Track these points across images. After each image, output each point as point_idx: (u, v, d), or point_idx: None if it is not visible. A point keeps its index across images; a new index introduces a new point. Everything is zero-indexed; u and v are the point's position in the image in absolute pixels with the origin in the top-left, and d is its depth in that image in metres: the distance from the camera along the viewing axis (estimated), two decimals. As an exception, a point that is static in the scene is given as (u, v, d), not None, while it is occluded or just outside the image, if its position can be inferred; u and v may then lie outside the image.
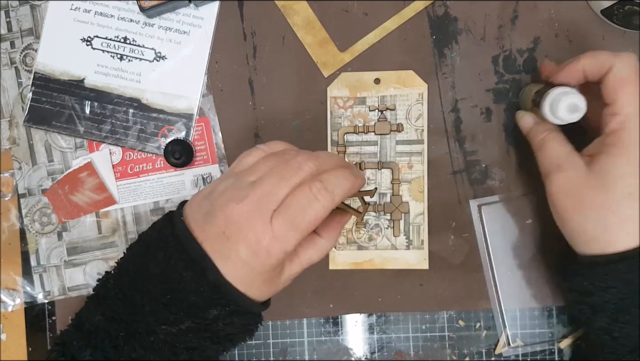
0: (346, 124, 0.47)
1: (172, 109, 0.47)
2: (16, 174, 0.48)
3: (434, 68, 0.46)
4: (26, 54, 0.48)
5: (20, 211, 0.48)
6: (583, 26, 0.46)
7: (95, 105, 0.47)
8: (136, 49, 0.47)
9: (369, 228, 0.47)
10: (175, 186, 0.48)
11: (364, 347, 0.48)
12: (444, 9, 0.46)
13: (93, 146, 0.48)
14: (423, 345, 0.47)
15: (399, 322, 0.48)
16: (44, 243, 0.48)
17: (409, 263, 0.46)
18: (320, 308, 0.47)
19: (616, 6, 0.42)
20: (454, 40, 0.46)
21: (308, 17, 0.47)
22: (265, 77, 0.47)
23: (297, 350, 0.48)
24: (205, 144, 0.48)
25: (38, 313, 0.49)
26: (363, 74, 0.46)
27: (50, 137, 0.48)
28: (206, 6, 0.47)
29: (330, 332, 0.48)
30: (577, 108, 0.36)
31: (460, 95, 0.46)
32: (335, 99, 0.47)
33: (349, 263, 0.47)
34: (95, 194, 0.48)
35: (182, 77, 0.47)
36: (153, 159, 0.48)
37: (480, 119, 0.46)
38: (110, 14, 0.47)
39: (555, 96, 0.37)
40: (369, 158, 0.47)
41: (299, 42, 0.47)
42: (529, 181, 0.46)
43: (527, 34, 0.46)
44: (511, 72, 0.46)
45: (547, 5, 0.46)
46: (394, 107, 0.46)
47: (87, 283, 0.48)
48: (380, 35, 0.46)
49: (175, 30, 0.47)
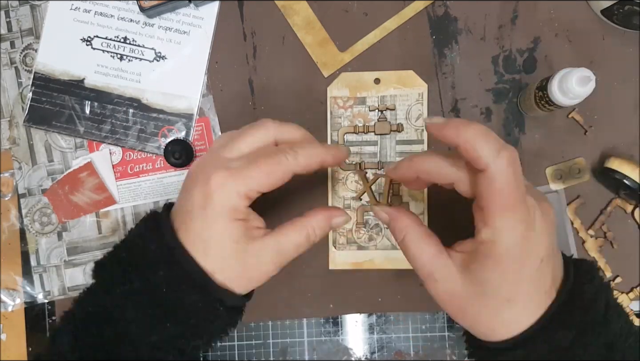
0: (346, 124, 0.47)
1: (172, 109, 0.47)
2: (16, 174, 0.48)
3: (434, 68, 0.46)
4: (26, 54, 0.48)
5: (20, 211, 0.48)
6: (583, 26, 0.46)
7: (95, 105, 0.47)
8: (136, 49, 0.47)
9: (369, 228, 0.47)
10: (175, 186, 0.48)
11: (364, 347, 0.48)
12: (444, 9, 0.46)
13: (93, 146, 0.48)
14: (423, 345, 0.47)
15: (399, 322, 0.48)
16: (44, 243, 0.48)
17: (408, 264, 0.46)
18: (320, 308, 0.47)
19: (616, 6, 0.42)
20: (454, 40, 0.46)
21: (308, 17, 0.47)
22: (265, 77, 0.47)
23: (297, 350, 0.48)
24: (205, 144, 0.48)
25: (38, 313, 0.49)
26: (363, 74, 0.46)
27: (50, 137, 0.48)
28: (206, 6, 0.47)
29: (330, 332, 0.48)
30: (588, 79, 0.36)
31: (460, 95, 0.46)
32: (335, 99, 0.47)
33: (349, 263, 0.47)
34: (95, 194, 0.48)
35: (182, 77, 0.47)
36: (153, 159, 0.48)
37: (480, 119, 0.46)
38: (110, 14, 0.47)
39: (563, 74, 0.37)
40: (369, 158, 0.47)
41: (299, 42, 0.47)
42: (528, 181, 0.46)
43: (527, 34, 0.46)
44: (511, 72, 0.46)
45: (547, 5, 0.46)
46: (394, 107, 0.46)
47: (87, 283, 0.48)
48: (380, 35, 0.46)
49: (175, 30, 0.47)
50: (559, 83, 0.38)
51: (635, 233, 0.46)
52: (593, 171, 0.46)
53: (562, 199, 0.46)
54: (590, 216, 0.46)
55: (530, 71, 0.46)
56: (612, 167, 0.43)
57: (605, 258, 0.46)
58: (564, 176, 0.46)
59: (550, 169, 0.46)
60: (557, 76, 0.38)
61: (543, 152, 0.46)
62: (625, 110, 0.46)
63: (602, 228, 0.46)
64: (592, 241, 0.46)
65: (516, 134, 0.46)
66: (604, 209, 0.46)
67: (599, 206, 0.46)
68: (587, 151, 0.46)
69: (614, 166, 0.43)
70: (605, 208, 0.46)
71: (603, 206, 0.46)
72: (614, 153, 0.45)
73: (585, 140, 0.46)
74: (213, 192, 0.31)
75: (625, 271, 0.46)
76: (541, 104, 0.41)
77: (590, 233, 0.46)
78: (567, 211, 0.46)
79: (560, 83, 0.38)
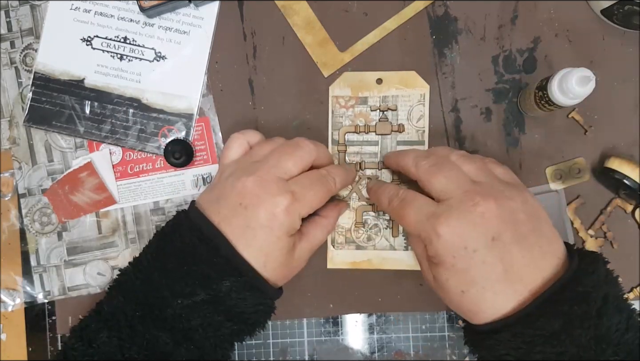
0: (347, 124, 0.47)
1: (172, 109, 0.47)
2: (16, 174, 0.48)
3: (434, 68, 0.46)
4: (26, 54, 0.48)
5: (20, 211, 0.48)
6: (583, 26, 0.46)
7: (95, 105, 0.47)
8: (136, 49, 0.47)
9: (368, 228, 0.47)
10: (175, 186, 0.48)
11: (364, 347, 0.48)
12: (444, 9, 0.46)
13: (93, 146, 0.48)
14: (423, 345, 0.47)
15: (399, 322, 0.48)
16: (44, 243, 0.48)
17: (407, 264, 0.46)
18: (320, 308, 0.47)
19: (616, 6, 0.42)
20: (454, 40, 0.46)
21: (308, 17, 0.47)
22: (265, 77, 0.47)
23: (297, 350, 0.48)
24: (205, 144, 0.48)
25: (38, 313, 0.49)
26: (365, 74, 0.46)
27: (50, 137, 0.48)
28: (206, 6, 0.47)
29: (330, 332, 0.48)
30: (588, 79, 0.36)
31: (460, 95, 0.46)
32: (337, 98, 0.47)
33: (347, 263, 0.47)
34: (95, 194, 0.48)
35: (182, 77, 0.47)
36: (153, 159, 0.48)
37: (480, 119, 0.46)
38: (110, 14, 0.47)
39: (563, 74, 0.38)
40: (370, 158, 0.47)
41: (299, 42, 0.47)
42: (529, 180, 0.46)
43: (527, 34, 0.46)
44: (511, 72, 0.46)
45: (547, 5, 0.46)
46: (395, 108, 0.46)
47: (87, 282, 0.48)
48: (380, 35, 0.46)
49: (175, 30, 0.47)
50: (559, 83, 0.38)
51: (635, 233, 0.46)
52: (593, 171, 0.46)
53: (562, 199, 0.46)
54: (590, 216, 0.46)
55: (530, 71, 0.46)
56: (612, 167, 0.43)
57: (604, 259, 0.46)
58: (564, 176, 0.46)
59: (550, 169, 0.46)
60: (557, 76, 0.38)
61: (543, 152, 0.46)
62: (625, 110, 0.46)
63: (602, 228, 0.46)
64: (592, 241, 0.46)
65: (516, 134, 0.46)
66: (604, 209, 0.46)
67: (599, 206, 0.46)
68: (587, 151, 0.46)
69: (614, 166, 0.43)
70: (605, 208, 0.46)
71: (603, 206, 0.46)
72: (614, 153, 0.45)
73: (585, 140, 0.46)
74: (281, 214, 0.36)
75: (625, 271, 0.46)
76: (541, 104, 0.41)
77: (590, 233, 0.46)
78: (567, 211, 0.46)
79: (560, 83, 0.38)
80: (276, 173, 0.37)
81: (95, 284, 0.48)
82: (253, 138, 0.42)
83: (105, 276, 0.48)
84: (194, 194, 0.48)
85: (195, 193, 0.48)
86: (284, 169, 0.37)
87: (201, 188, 0.48)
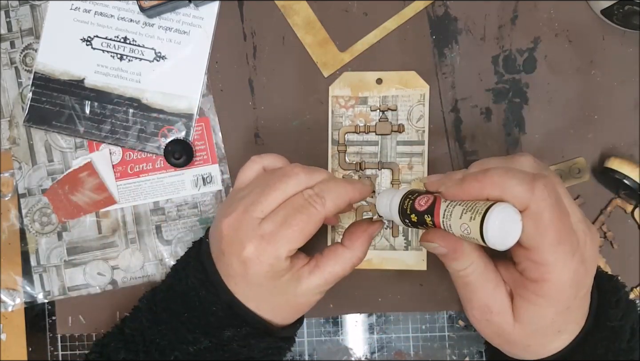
0: (347, 124, 0.47)
1: (172, 109, 0.47)
2: (16, 174, 0.48)
3: (434, 68, 0.46)
4: (26, 54, 0.48)
5: (20, 211, 0.48)
6: (583, 26, 0.46)
7: (95, 105, 0.47)
8: (136, 49, 0.47)
9: (369, 228, 0.47)
10: (175, 186, 0.48)
11: (364, 347, 0.48)
12: (444, 9, 0.46)
13: (93, 146, 0.48)
14: (423, 345, 0.47)
15: (399, 322, 0.48)
16: (44, 243, 0.48)
17: (407, 264, 0.46)
18: (320, 308, 0.47)
19: (616, 6, 0.42)
20: (454, 40, 0.46)
21: (308, 17, 0.47)
22: (265, 77, 0.47)
23: (297, 350, 0.48)
24: (205, 144, 0.48)
25: (38, 313, 0.49)
26: (365, 74, 0.46)
27: (50, 137, 0.48)
28: (206, 6, 0.47)
29: (330, 332, 0.48)
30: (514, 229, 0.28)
31: (460, 95, 0.46)
32: (337, 98, 0.47)
33: (349, 263, 0.47)
34: (95, 194, 0.48)
35: (182, 77, 0.47)
36: (153, 159, 0.48)
37: (480, 119, 0.46)
38: (110, 14, 0.47)
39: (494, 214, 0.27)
40: (369, 158, 0.47)
41: (299, 42, 0.47)
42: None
43: (527, 34, 0.46)
44: (511, 72, 0.46)
45: (547, 5, 0.46)
46: (395, 108, 0.46)
47: (87, 282, 0.48)
48: (380, 35, 0.46)
49: (175, 30, 0.47)
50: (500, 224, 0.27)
51: (635, 233, 0.46)
52: (593, 171, 0.46)
53: (562, 199, 0.46)
54: (590, 216, 0.46)
55: (530, 71, 0.46)
56: (612, 167, 0.43)
57: (605, 258, 0.46)
58: (564, 176, 0.46)
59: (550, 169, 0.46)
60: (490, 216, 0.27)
61: (543, 152, 0.46)
62: (625, 110, 0.46)
63: (602, 228, 0.46)
64: (592, 241, 0.46)
65: (516, 134, 0.46)
66: (604, 209, 0.46)
67: (599, 206, 0.46)
68: (587, 151, 0.46)
69: (614, 166, 0.43)
70: (605, 208, 0.46)
71: (603, 206, 0.46)
72: (614, 153, 0.45)
73: (585, 140, 0.46)
74: (249, 261, 0.32)
75: (625, 271, 0.46)
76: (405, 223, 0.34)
77: (590, 233, 0.46)
78: (567, 211, 0.46)
79: None
80: (252, 213, 0.33)
81: (95, 284, 0.48)
82: (271, 163, 0.37)
83: (105, 276, 0.48)
84: (194, 194, 0.48)
85: (195, 193, 0.48)
86: (261, 207, 0.33)
87: (201, 188, 0.48)
